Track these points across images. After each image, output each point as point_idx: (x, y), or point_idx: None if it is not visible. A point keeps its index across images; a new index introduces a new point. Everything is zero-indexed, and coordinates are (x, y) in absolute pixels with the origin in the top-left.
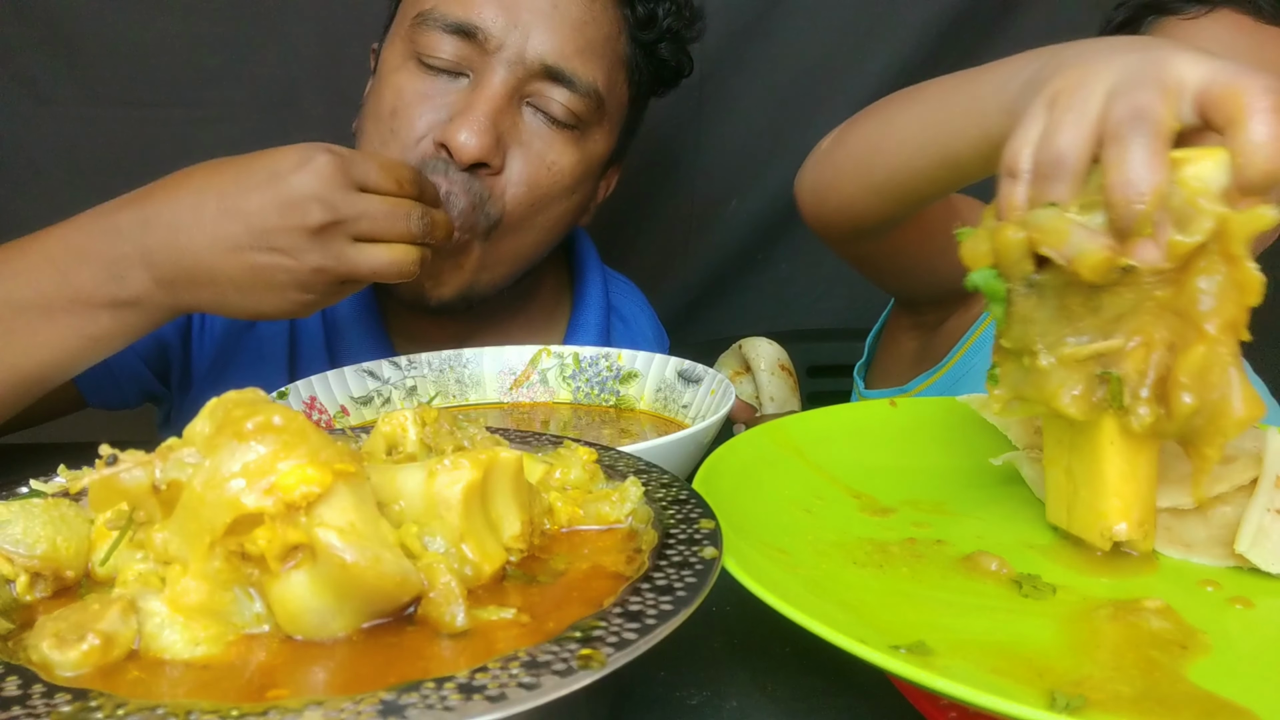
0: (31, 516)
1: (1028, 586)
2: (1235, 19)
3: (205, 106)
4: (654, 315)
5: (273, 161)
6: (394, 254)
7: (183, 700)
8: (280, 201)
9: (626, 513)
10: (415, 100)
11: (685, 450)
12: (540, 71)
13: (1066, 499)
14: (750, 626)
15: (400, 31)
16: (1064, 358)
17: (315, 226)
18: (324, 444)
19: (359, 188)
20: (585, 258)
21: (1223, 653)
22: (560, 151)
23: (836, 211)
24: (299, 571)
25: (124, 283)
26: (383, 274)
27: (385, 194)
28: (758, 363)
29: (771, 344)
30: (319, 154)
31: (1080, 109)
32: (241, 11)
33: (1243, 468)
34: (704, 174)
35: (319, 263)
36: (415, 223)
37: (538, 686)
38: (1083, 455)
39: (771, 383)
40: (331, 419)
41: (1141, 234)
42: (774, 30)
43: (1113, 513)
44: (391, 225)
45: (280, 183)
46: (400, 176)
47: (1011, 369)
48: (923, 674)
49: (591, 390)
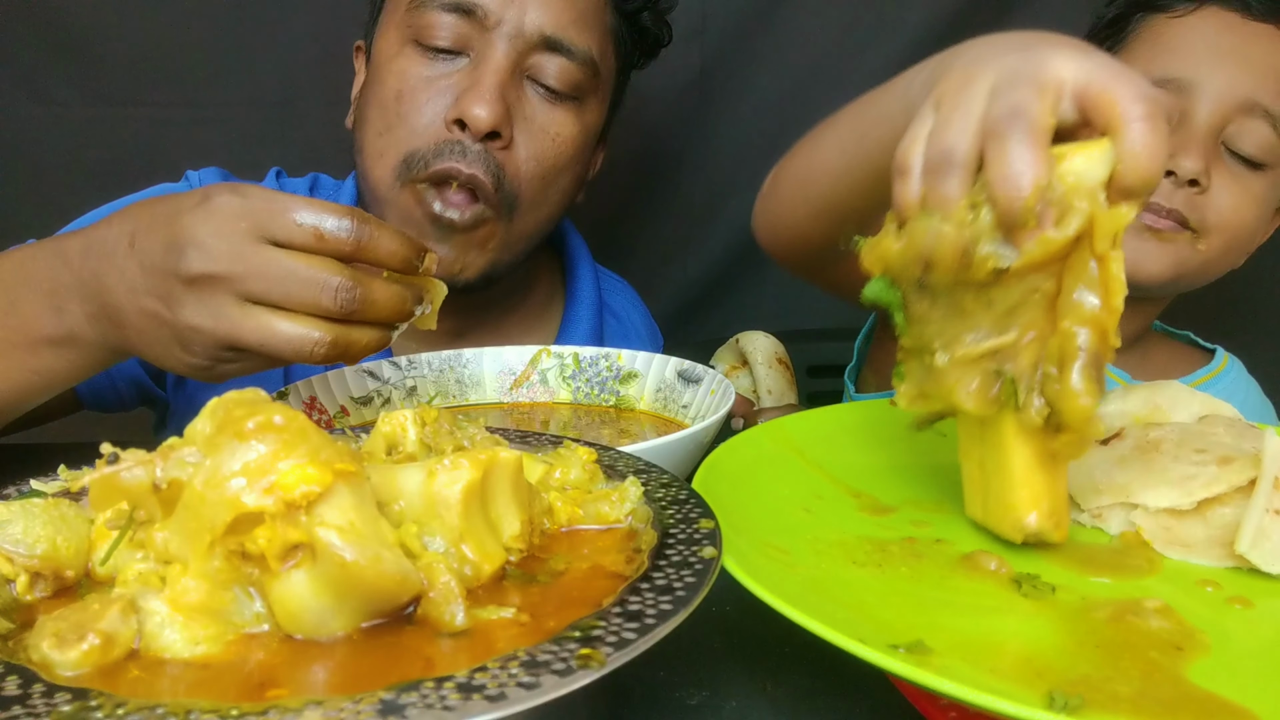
0: (31, 516)
1: (1027, 586)
2: (1223, 16)
3: (205, 106)
4: (647, 312)
5: (180, 199)
6: (294, 328)
7: (183, 700)
8: (165, 242)
9: (626, 513)
10: (420, 85)
11: (685, 450)
12: (539, 43)
13: (981, 492)
14: (750, 626)
15: (394, 19)
16: (958, 358)
17: (189, 276)
18: (324, 444)
19: (267, 239)
20: (576, 253)
21: (1222, 653)
22: (562, 123)
23: (790, 242)
24: (299, 571)
25: (61, 315)
26: (273, 348)
27: (303, 250)
28: (755, 356)
29: (768, 337)
30: (220, 194)
31: (965, 108)
32: (241, 11)
33: (1241, 469)
34: (704, 174)
35: (193, 320)
36: (330, 294)
37: (537, 686)
38: (991, 448)
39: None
40: (331, 419)
41: (1026, 227)
42: (774, 29)
43: (1022, 504)
44: (290, 292)
45: (175, 222)
46: (323, 228)
47: (914, 367)
48: (922, 673)
49: (591, 390)
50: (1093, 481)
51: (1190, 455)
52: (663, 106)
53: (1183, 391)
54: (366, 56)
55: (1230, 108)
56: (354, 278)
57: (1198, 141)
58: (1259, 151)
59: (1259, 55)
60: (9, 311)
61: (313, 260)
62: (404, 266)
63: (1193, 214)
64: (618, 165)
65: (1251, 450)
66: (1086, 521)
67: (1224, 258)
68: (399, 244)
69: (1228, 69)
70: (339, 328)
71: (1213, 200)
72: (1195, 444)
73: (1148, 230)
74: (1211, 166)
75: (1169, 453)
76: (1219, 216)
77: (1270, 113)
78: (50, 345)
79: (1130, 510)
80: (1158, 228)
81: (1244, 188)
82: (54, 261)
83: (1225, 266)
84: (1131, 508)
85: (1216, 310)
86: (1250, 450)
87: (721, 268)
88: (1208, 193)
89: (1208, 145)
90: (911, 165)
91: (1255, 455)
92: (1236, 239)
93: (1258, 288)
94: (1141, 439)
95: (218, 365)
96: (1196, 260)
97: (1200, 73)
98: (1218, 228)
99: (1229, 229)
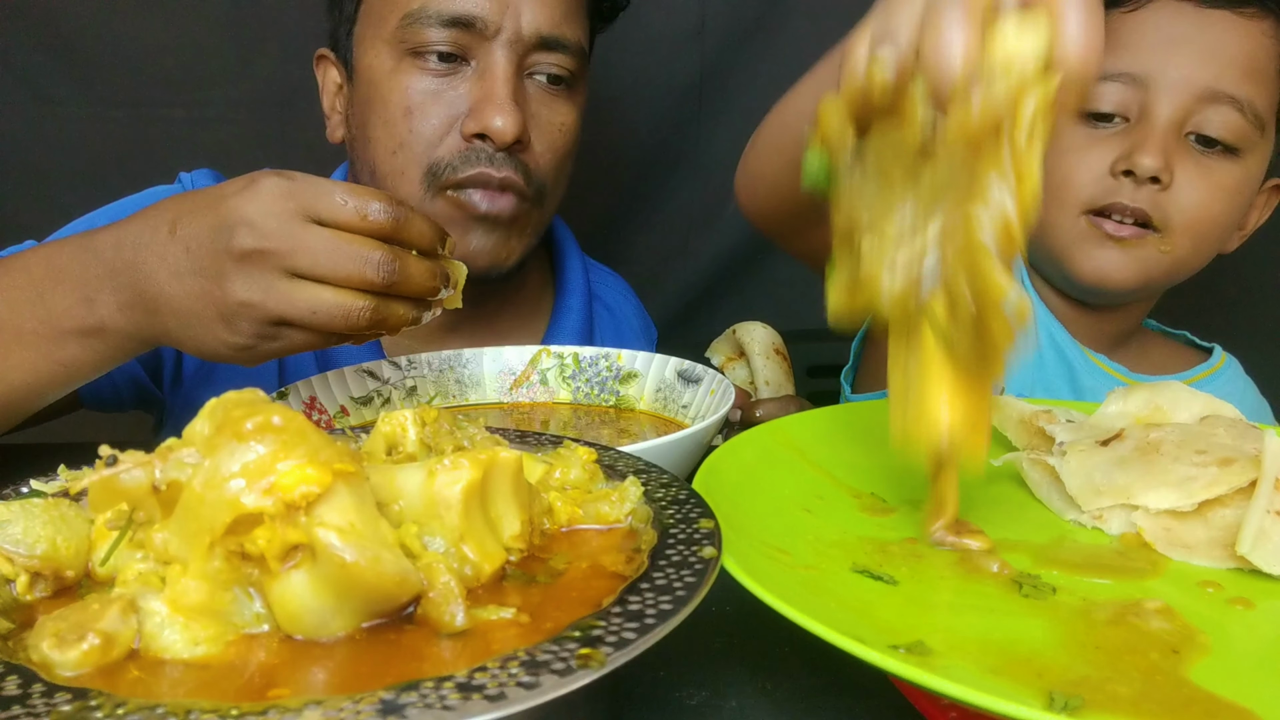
0: (31, 516)
1: (1028, 586)
2: (1175, 6)
3: (205, 106)
4: (640, 304)
5: (225, 186)
6: (340, 298)
7: (183, 700)
8: (213, 224)
9: (626, 512)
10: (427, 99)
11: (685, 450)
12: (537, 44)
13: (902, 409)
14: (750, 626)
15: (381, 33)
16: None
17: (240, 252)
18: (324, 444)
19: (311, 218)
20: (565, 244)
21: (1223, 653)
22: (564, 112)
23: (767, 198)
24: (299, 571)
25: (92, 306)
26: (323, 318)
27: (345, 228)
28: (752, 347)
29: (765, 328)
30: (265, 177)
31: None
32: (241, 12)
33: (1241, 470)
34: (704, 174)
35: (243, 294)
36: (373, 267)
37: (537, 686)
38: (916, 355)
39: (767, 367)
40: (331, 419)
41: (954, 100)
42: (774, 30)
43: (936, 416)
44: (337, 265)
45: (220, 205)
46: (367, 207)
47: (845, 254)
48: (922, 674)
49: (591, 390)
50: (1093, 483)
51: (1190, 456)
52: (663, 106)
53: (1184, 392)
54: (346, 68)
55: (1190, 99)
56: (393, 252)
57: (1157, 138)
58: (1229, 135)
59: (1216, 42)
60: (36, 304)
61: (354, 238)
62: (430, 248)
63: (1156, 212)
64: (618, 165)
65: (1252, 451)
66: (1087, 522)
67: (1194, 255)
68: (427, 226)
69: (1184, 60)
70: (379, 299)
71: (1176, 197)
72: (1196, 445)
73: (1110, 239)
74: (1174, 162)
75: (1169, 454)
76: (1183, 214)
77: (1235, 98)
78: (78, 336)
79: (1131, 511)
80: (1120, 235)
81: (1210, 181)
82: (83, 255)
83: (1199, 262)
84: (1132, 509)
85: (1213, 310)
86: (1251, 451)
87: (721, 268)
88: (1171, 189)
89: (1168, 140)
90: (858, 53)
91: (1256, 456)
92: (1204, 236)
93: (1255, 287)
94: (1142, 440)
95: (261, 344)
96: (1165, 262)
97: (1155, 66)
98: (1183, 226)
99: (1194, 226)
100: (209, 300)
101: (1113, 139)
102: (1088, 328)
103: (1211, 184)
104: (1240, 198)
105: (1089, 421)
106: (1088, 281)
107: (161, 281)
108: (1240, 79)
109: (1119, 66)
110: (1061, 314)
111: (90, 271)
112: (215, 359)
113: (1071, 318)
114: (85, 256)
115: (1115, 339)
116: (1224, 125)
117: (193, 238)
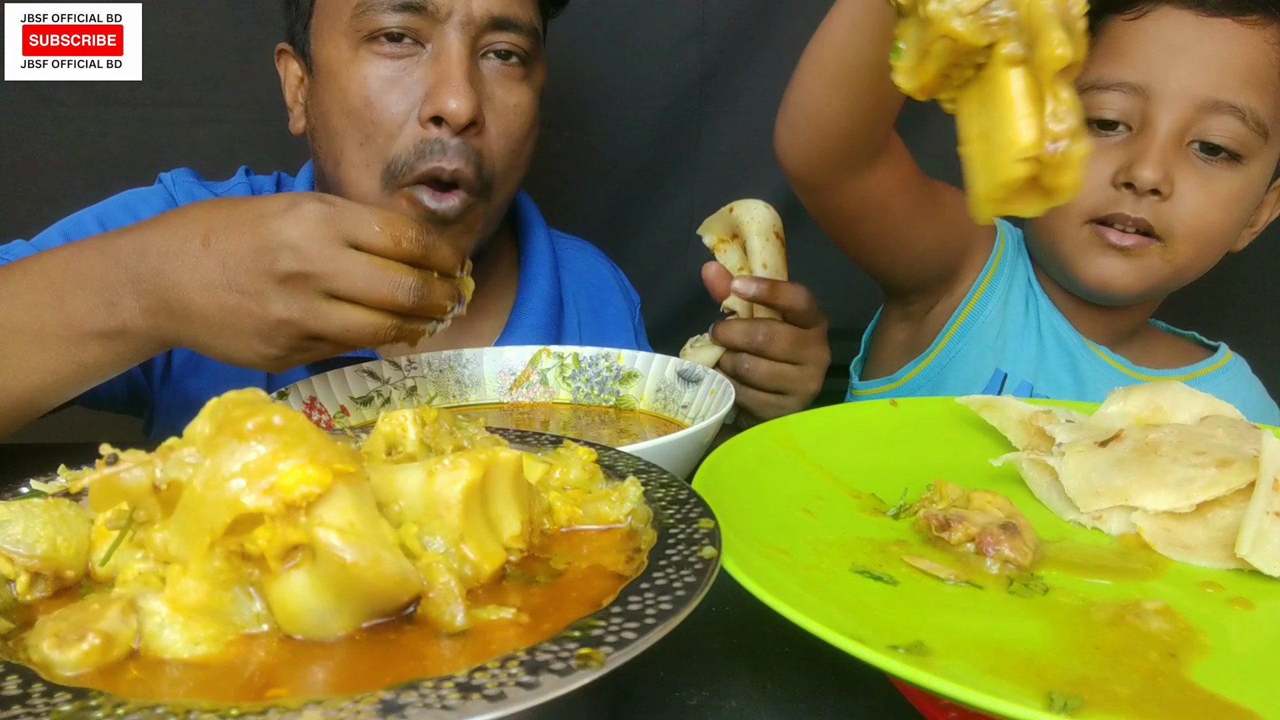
0: (31, 516)
1: (1027, 587)
2: (1176, 15)
3: (205, 106)
4: (616, 269)
5: (264, 204)
6: (371, 318)
7: (183, 700)
8: (256, 245)
9: (626, 512)
10: (385, 87)
11: (685, 450)
12: (489, 24)
13: (985, 161)
14: (750, 626)
15: (336, 24)
16: None
17: (283, 274)
18: (324, 444)
19: (349, 243)
20: (529, 217)
21: (1223, 654)
22: (519, 93)
23: (807, 127)
24: (299, 571)
25: (114, 310)
26: (354, 335)
27: (379, 254)
28: (750, 227)
29: (768, 208)
30: (308, 201)
31: None
32: (242, 12)
33: (1240, 471)
34: (704, 174)
35: (284, 314)
36: (404, 292)
37: (537, 686)
38: (992, 104)
39: (765, 250)
40: (331, 419)
41: None
42: (774, 29)
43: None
44: (373, 288)
45: (261, 225)
46: (401, 235)
47: (910, 26)
48: (921, 674)
49: (591, 390)
50: (1091, 484)
51: (1189, 457)
52: (663, 106)
53: (1184, 392)
54: (305, 62)
55: (1191, 109)
56: (422, 278)
57: (1156, 149)
58: (1231, 142)
59: (1216, 51)
60: (57, 306)
61: (388, 264)
62: (453, 272)
63: (1158, 222)
64: (617, 166)
65: (1251, 452)
66: (1087, 523)
67: (1197, 261)
68: (450, 252)
69: (1185, 70)
70: (404, 317)
71: (1177, 207)
72: (1194, 446)
73: (1113, 248)
74: (1175, 172)
75: (1167, 455)
76: (1185, 224)
77: (1236, 106)
78: (100, 339)
79: (1130, 512)
80: (1123, 245)
81: (1211, 190)
82: (103, 260)
83: (1203, 267)
84: (1131, 510)
85: (1221, 309)
86: (1250, 452)
87: None
88: (1172, 199)
89: (1168, 151)
90: None
91: (1254, 457)
92: (1206, 243)
93: (1265, 287)
94: (1140, 441)
95: (294, 355)
96: (1167, 270)
97: (1156, 76)
98: (1185, 235)
99: (1196, 235)
100: (246, 315)
101: (1116, 148)
102: (1092, 323)
103: (1213, 193)
104: (1244, 203)
105: (1089, 422)
106: (1092, 287)
107: (191, 292)
108: (1241, 87)
109: (1121, 75)
110: (1066, 309)
111: (112, 276)
112: (242, 365)
113: (1076, 313)
114: (106, 261)
115: (1119, 335)
116: (1226, 133)
117: (231, 254)
